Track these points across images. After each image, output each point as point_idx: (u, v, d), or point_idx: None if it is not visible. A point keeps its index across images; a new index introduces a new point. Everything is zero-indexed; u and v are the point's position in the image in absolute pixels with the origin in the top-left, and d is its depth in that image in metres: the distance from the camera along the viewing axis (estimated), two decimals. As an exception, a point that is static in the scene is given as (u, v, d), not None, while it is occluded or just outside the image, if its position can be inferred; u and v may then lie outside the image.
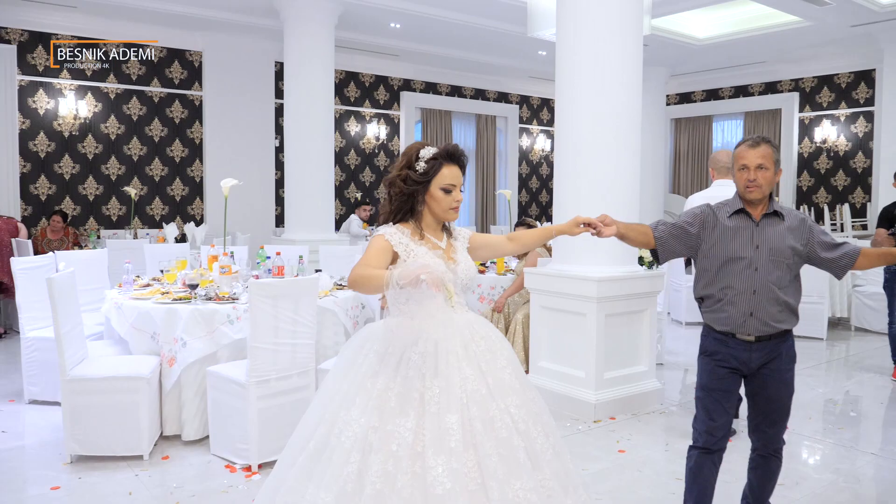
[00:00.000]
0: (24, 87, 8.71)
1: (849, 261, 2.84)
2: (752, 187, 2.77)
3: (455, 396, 2.22)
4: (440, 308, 2.33)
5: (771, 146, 2.81)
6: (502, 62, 11.61)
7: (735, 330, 2.82)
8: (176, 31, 9.47)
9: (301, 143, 8.26)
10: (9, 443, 4.31)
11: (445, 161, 2.43)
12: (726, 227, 2.83)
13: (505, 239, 2.71)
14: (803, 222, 2.86)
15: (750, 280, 2.79)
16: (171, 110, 9.77)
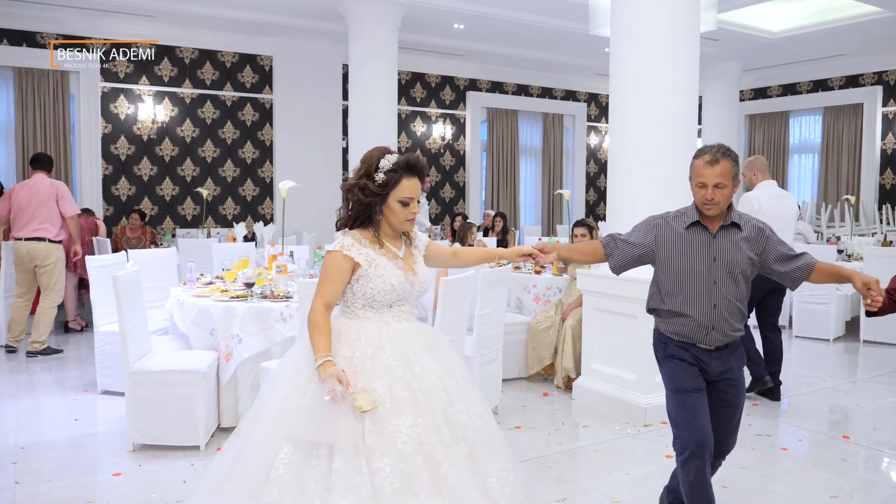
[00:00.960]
0: (107, 94, 9.23)
1: (802, 274, 2.80)
2: (709, 205, 2.75)
3: (402, 400, 2.25)
4: (395, 316, 2.43)
5: (730, 160, 2.75)
6: (569, 60, 11.51)
7: (695, 341, 2.83)
8: (247, 36, 9.83)
9: (365, 144, 8.33)
10: (81, 430, 4.59)
11: (405, 173, 2.40)
12: (683, 239, 2.81)
13: (451, 253, 2.73)
14: (761, 232, 2.82)
15: (710, 295, 2.77)
16: (243, 113, 10.14)
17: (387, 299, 2.41)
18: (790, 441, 4.50)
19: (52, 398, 5.26)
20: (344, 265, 2.39)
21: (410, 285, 2.45)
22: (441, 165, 11.96)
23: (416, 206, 2.45)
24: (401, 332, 2.42)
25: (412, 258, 2.52)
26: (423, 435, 2.22)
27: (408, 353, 2.37)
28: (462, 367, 2.51)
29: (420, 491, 2.15)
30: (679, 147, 4.85)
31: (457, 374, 2.44)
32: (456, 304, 4.13)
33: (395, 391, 2.27)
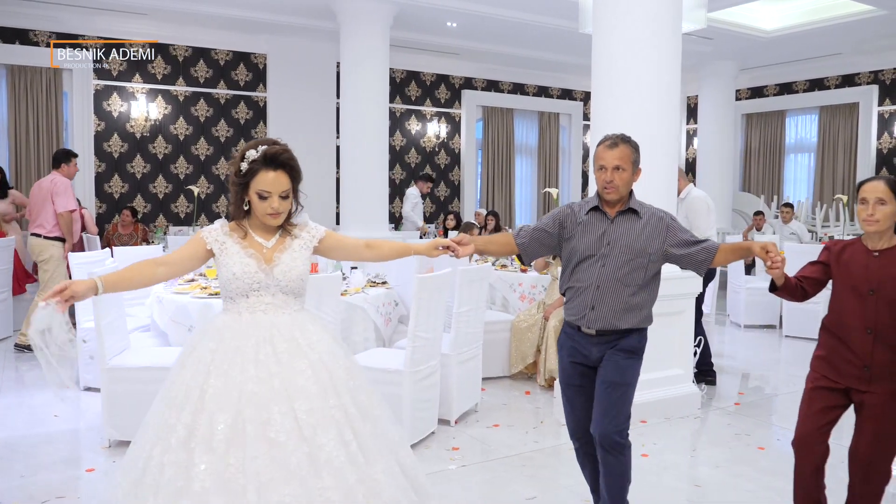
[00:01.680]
0: (100, 91, 9.25)
1: (707, 255, 2.81)
2: (609, 188, 2.80)
3: (230, 396, 2.21)
4: (250, 307, 2.38)
5: (630, 146, 2.83)
6: (565, 59, 11.48)
7: (579, 323, 2.87)
8: (241, 34, 9.84)
9: (357, 142, 8.43)
10: (59, 426, 4.61)
11: (263, 166, 2.34)
12: (583, 224, 2.88)
13: (363, 244, 2.69)
14: (661, 220, 2.85)
15: (596, 275, 2.82)
16: (237, 111, 10.15)
17: (237, 288, 2.37)
18: (769, 440, 4.48)
19: (34, 394, 5.27)
20: (195, 244, 2.42)
21: (265, 274, 2.37)
22: (436, 164, 11.96)
23: (279, 201, 2.37)
24: (253, 323, 2.35)
25: (283, 249, 2.44)
26: (305, 420, 2.21)
27: (247, 346, 2.30)
28: (337, 365, 2.38)
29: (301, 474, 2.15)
30: (662, 146, 4.84)
31: (322, 370, 2.33)
32: (432, 301, 4.13)
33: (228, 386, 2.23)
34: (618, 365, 2.84)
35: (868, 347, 2.69)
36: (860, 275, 2.72)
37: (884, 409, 2.70)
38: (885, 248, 2.73)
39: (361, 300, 4.77)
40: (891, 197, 2.67)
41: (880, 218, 2.67)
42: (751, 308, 8.05)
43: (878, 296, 2.68)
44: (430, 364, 4.25)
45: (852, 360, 2.73)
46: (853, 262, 2.75)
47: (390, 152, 10.86)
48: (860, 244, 2.79)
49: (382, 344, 4.92)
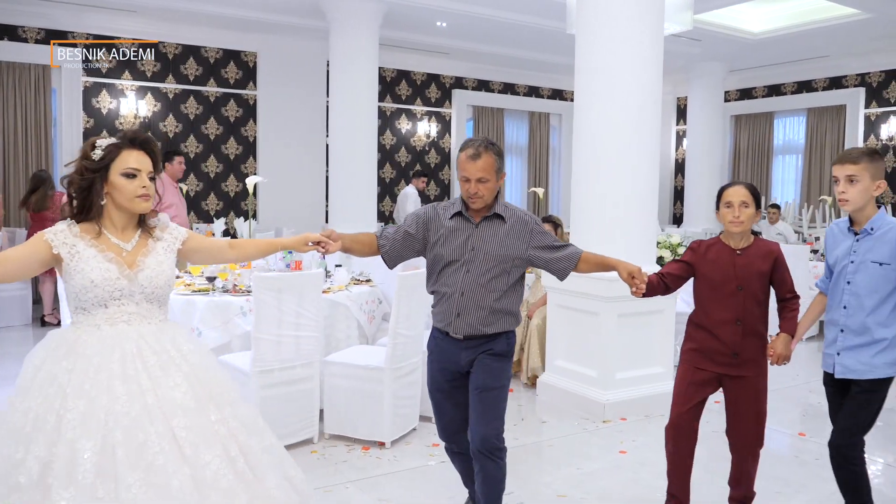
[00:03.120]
0: (89, 88, 9.25)
1: (568, 264, 2.88)
2: (474, 199, 2.79)
3: (96, 419, 1.96)
4: (110, 318, 2.13)
5: (492, 154, 2.78)
6: (555, 59, 11.52)
7: (447, 329, 2.86)
8: (231, 32, 9.85)
9: (346, 141, 8.47)
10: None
11: (125, 146, 2.18)
12: (447, 229, 2.84)
13: (226, 245, 2.53)
14: (525, 224, 2.87)
15: (460, 281, 2.80)
16: (227, 109, 10.17)
17: (94, 298, 2.11)
18: (746, 438, 4.53)
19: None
20: (36, 245, 2.14)
21: (128, 280, 2.14)
22: (426, 163, 11.99)
23: (148, 181, 2.20)
24: (115, 336, 2.11)
25: (146, 251, 2.24)
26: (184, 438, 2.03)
27: (111, 362, 2.07)
28: (214, 377, 2.23)
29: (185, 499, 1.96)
30: (644, 146, 4.89)
31: (199, 383, 2.16)
32: (413, 300, 4.17)
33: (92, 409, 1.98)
34: (490, 369, 2.84)
35: (737, 337, 2.94)
36: (728, 272, 2.94)
37: (754, 388, 3.00)
38: (746, 247, 2.96)
39: (344, 298, 4.81)
40: (752, 200, 2.90)
41: (745, 220, 2.89)
42: None
43: (746, 291, 2.92)
44: (412, 361, 4.29)
45: (722, 349, 2.97)
46: (719, 261, 2.97)
47: (381, 151, 10.93)
48: (723, 244, 3.00)
49: (366, 341, 4.96)
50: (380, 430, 4.11)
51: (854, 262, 2.80)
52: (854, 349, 2.81)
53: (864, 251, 2.77)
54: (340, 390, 4.21)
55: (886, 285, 2.75)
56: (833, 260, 2.92)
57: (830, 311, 2.91)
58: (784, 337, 2.95)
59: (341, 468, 3.86)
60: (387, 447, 4.12)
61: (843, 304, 2.83)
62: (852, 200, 2.76)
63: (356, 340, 4.84)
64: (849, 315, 2.81)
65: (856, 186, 2.74)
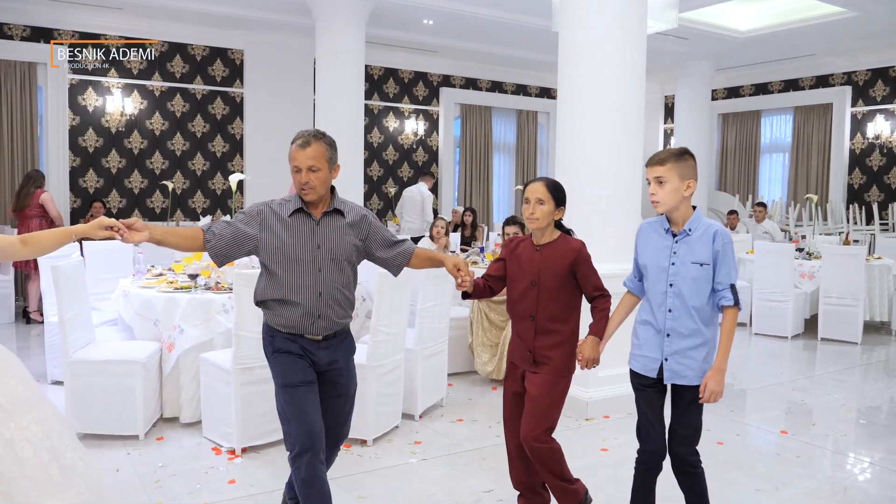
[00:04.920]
0: (75, 86, 9.19)
1: (403, 259, 2.92)
2: (306, 189, 2.70)
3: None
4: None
5: (323, 144, 2.72)
6: (543, 57, 11.51)
7: (309, 333, 2.76)
8: (218, 30, 9.81)
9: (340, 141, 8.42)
10: (24, 419, 4.60)
11: None
12: (287, 227, 2.73)
13: (17, 241, 2.42)
14: (364, 218, 2.87)
15: (315, 283, 2.72)
16: (213, 107, 10.12)
17: None
18: (727, 435, 4.55)
19: (1, 388, 5.24)
20: None
21: None
22: (413, 161, 11.98)
23: None
24: None
25: None
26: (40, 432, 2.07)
27: None
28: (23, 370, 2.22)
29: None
30: (628, 145, 4.90)
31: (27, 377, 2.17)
32: (394, 298, 4.17)
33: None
34: (350, 375, 2.93)
35: (530, 334, 2.96)
36: (526, 268, 2.98)
37: (542, 388, 2.95)
38: (546, 244, 2.98)
39: (328, 295, 4.79)
40: (549, 197, 2.91)
41: (540, 216, 2.91)
42: (760, 313, 7.82)
43: (540, 286, 2.93)
44: (394, 359, 4.29)
45: (521, 345, 3.01)
46: (522, 256, 3.01)
47: (368, 149, 10.92)
48: (529, 240, 3.04)
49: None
50: (362, 427, 4.10)
51: (675, 264, 2.71)
52: (682, 353, 2.72)
53: (685, 252, 2.70)
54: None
55: (707, 285, 2.69)
56: (646, 260, 2.82)
57: (648, 312, 2.80)
58: (591, 339, 2.92)
59: (322, 466, 3.85)
60: (368, 445, 4.11)
61: (668, 307, 2.72)
62: (663, 202, 2.71)
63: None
64: (675, 318, 2.71)
65: (665, 187, 2.69)
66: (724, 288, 2.68)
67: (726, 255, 2.67)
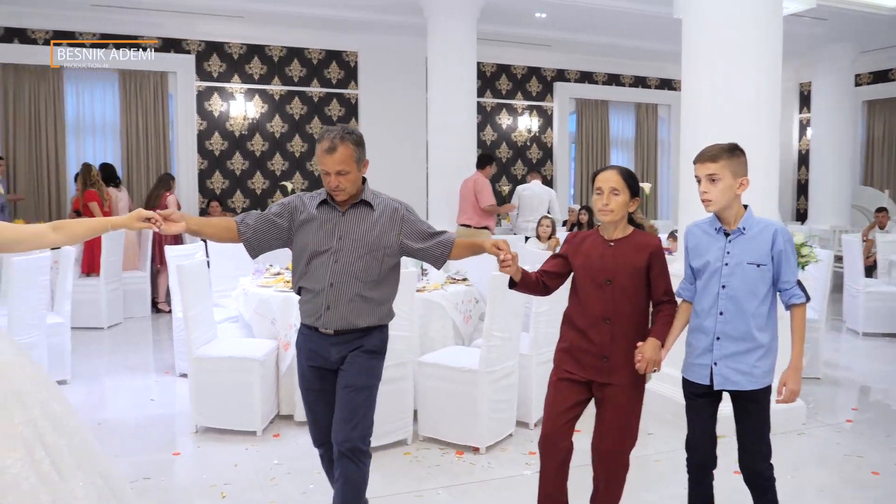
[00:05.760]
0: (202, 92, 9.67)
1: (443, 250, 2.77)
2: (336, 192, 2.68)
3: None
4: None
5: (350, 144, 2.64)
6: (663, 47, 10.98)
7: (316, 324, 2.72)
8: (333, 33, 10.03)
9: (444, 137, 8.41)
10: (155, 410, 4.83)
11: None
12: (313, 219, 2.73)
13: (48, 228, 2.42)
14: (395, 212, 2.77)
15: (329, 272, 2.67)
16: (330, 109, 10.36)
17: None
18: (886, 465, 4.07)
19: (135, 378, 5.56)
20: None
21: None
22: (528, 159, 11.78)
23: None
24: None
25: None
26: None
27: None
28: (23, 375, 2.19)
29: None
30: (763, 139, 4.51)
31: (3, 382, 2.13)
32: (508, 300, 4.02)
33: None
34: (361, 367, 2.72)
35: (606, 338, 2.69)
36: (597, 265, 2.72)
37: (623, 399, 2.70)
38: (620, 238, 2.73)
39: (439, 297, 4.72)
40: (624, 186, 2.67)
41: (615, 208, 2.67)
42: (871, 314, 7.25)
43: (614, 285, 2.68)
44: (508, 364, 4.15)
45: (591, 350, 2.71)
46: (592, 253, 2.75)
47: (481, 147, 10.82)
48: (598, 235, 2.79)
49: (462, 342, 4.86)
50: (474, 434, 3.99)
51: (728, 265, 2.60)
52: (733, 357, 2.60)
53: (739, 252, 2.59)
54: (434, 392, 4.13)
55: (763, 287, 2.57)
56: (698, 263, 2.69)
57: (699, 317, 2.68)
58: (653, 341, 2.66)
59: (433, 472, 3.77)
60: (481, 453, 3.99)
61: (720, 309, 2.61)
62: (715, 200, 2.60)
63: (452, 341, 4.74)
64: (726, 321, 2.60)
65: (717, 185, 2.58)
66: (791, 286, 2.59)
67: (788, 253, 2.59)
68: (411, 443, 4.12)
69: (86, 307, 6.99)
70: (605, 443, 2.76)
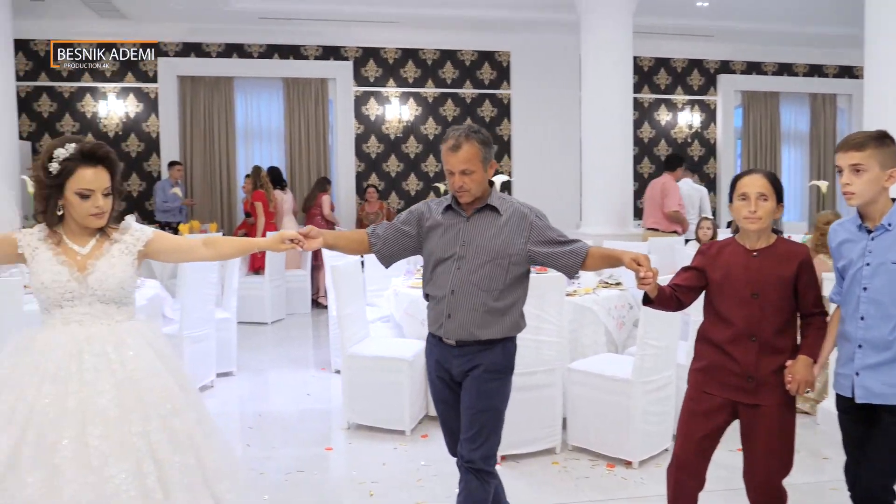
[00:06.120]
0: (359, 97, 10.04)
1: (575, 259, 2.60)
2: (461, 192, 2.59)
3: (17, 416, 2.06)
4: (65, 318, 2.22)
5: (475, 143, 2.55)
6: (844, 31, 10.01)
7: (439, 333, 2.65)
8: (485, 34, 10.06)
9: (598, 136, 8.13)
10: (310, 404, 5.03)
11: (80, 163, 2.18)
12: (438, 225, 2.66)
13: (199, 244, 2.48)
14: (524, 218, 2.62)
15: (451, 279, 2.58)
16: (482, 110, 10.40)
17: (48, 299, 2.22)
18: None
19: (294, 373, 5.83)
20: (6, 241, 2.27)
21: (78, 283, 2.21)
22: (689, 156, 11.16)
23: (102, 199, 2.22)
24: (66, 335, 2.19)
25: (101, 255, 2.27)
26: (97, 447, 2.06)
27: (48, 361, 2.14)
28: (152, 386, 2.21)
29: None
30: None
31: (130, 392, 2.16)
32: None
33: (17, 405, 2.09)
34: (480, 390, 2.58)
35: (752, 356, 2.46)
36: (741, 278, 2.49)
37: (774, 422, 2.48)
38: (764, 248, 2.51)
39: (591, 302, 4.53)
40: (771, 192, 2.47)
41: (763, 215, 2.46)
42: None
43: (761, 299, 2.46)
44: (664, 375, 3.89)
45: (735, 370, 2.48)
46: (733, 265, 2.52)
47: (638, 145, 10.41)
48: (737, 244, 2.55)
49: (615, 349, 4.64)
50: (627, 447, 3.79)
51: (870, 265, 2.34)
52: (876, 368, 2.33)
53: (883, 251, 2.33)
54: (585, 400, 3.96)
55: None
56: (843, 265, 2.45)
57: (843, 323, 2.45)
58: (804, 359, 2.44)
59: (582, 485, 3.61)
60: (634, 467, 3.78)
61: (861, 314, 2.35)
62: (859, 193, 2.34)
63: (604, 347, 4.54)
64: (868, 327, 2.35)
65: (862, 177, 2.32)
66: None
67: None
68: (560, 451, 3.99)
69: (251, 303, 7.47)
70: (757, 472, 2.53)
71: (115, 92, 9.48)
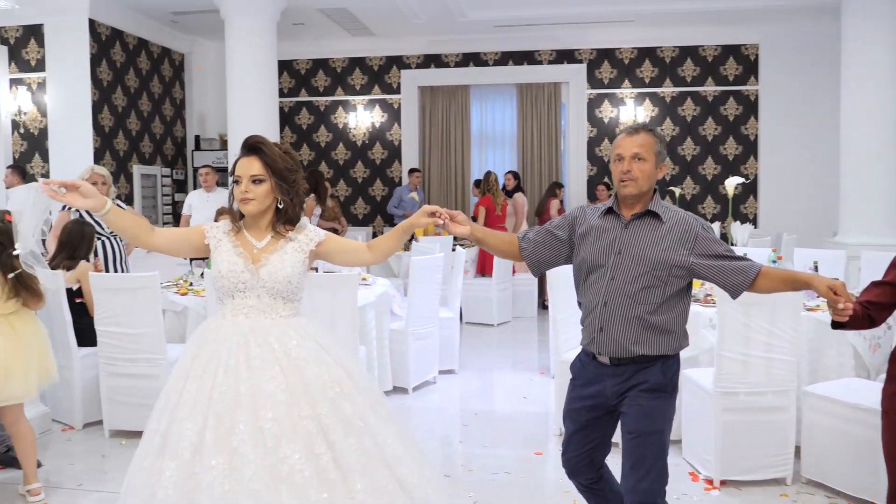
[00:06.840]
0: (592, 100, 9.91)
1: (742, 278, 2.36)
2: (626, 179, 2.39)
3: (201, 403, 2.19)
4: (234, 309, 2.33)
5: (653, 136, 2.43)
6: None
7: (591, 348, 2.47)
8: (730, 27, 9.39)
9: (862, 134, 7.21)
10: (525, 407, 5.07)
11: (239, 154, 2.39)
12: (594, 230, 2.48)
13: (364, 247, 2.51)
14: (689, 228, 2.39)
15: (603, 290, 2.41)
16: (725, 108, 9.72)
17: (223, 287, 2.35)
18: None
19: (514, 375, 5.92)
20: (194, 231, 2.46)
21: (250, 274, 2.32)
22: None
23: (252, 186, 2.33)
24: (234, 326, 2.31)
25: (275, 250, 2.38)
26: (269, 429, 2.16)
27: (222, 350, 2.27)
28: (319, 372, 2.27)
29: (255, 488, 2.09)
30: None
31: (297, 377, 2.25)
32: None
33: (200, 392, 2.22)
34: (642, 410, 2.37)
35: None
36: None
37: None
38: None
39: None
40: None
41: None
42: None
43: None
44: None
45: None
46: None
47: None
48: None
49: (865, 374, 4.06)
50: (875, 487, 3.28)
51: None
52: None
53: None
54: (823, 429, 3.52)
55: None
56: None
57: None
58: None
59: (815, 525, 3.21)
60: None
61: None
62: None
63: (851, 371, 4.00)
64: None
65: None
66: None
67: None
68: (791, 483, 3.59)
69: (479, 304, 7.71)
70: None
71: (363, 104, 10.37)
